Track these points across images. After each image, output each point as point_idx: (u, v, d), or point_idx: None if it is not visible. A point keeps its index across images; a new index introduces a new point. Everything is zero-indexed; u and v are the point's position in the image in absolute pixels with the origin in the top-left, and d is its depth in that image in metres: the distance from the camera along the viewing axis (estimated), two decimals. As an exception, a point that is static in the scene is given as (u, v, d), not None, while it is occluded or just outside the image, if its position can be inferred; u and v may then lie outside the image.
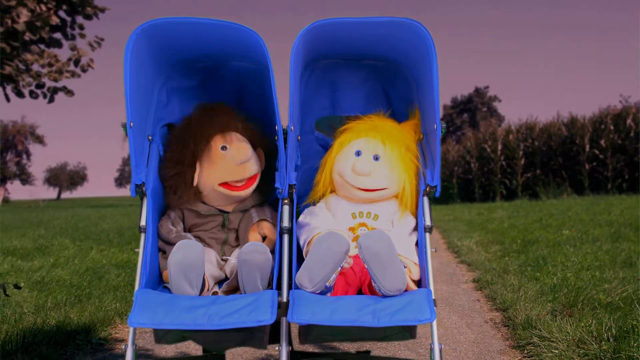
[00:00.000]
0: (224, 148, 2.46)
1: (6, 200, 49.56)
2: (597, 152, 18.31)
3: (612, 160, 18.03)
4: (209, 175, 2.43)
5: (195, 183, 2.43)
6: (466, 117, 52.90)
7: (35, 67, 8.79)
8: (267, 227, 2.55)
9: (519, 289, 4.86)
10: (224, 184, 2.45)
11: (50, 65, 8.76)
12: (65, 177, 66.22)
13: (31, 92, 8.99)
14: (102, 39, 9.20)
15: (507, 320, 4.18)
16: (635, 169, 17.33)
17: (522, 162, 19.63)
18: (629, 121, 18.02)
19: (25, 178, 53.31)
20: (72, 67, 8.98)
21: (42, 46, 8.93)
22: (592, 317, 3.70)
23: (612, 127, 18.31)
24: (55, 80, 8.78)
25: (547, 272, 5.44)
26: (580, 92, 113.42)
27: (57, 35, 9.21)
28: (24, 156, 52.79)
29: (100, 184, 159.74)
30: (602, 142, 18.26)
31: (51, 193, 67.58)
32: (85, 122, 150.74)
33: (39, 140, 52.65)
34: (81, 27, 9.14)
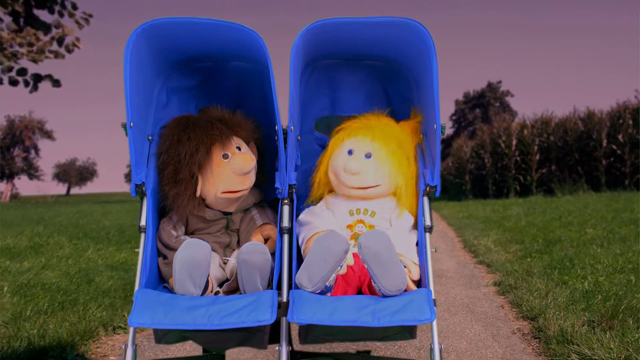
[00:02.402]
0: (225, 156, 2.40)
1: (15, 196, 49.53)
2: (614, 147, 17.72)
3: (630, 155, 17.43)
4: (211, 185, 2.39)
5: (198, 194, 2.39)
6: (478, 112, 52.22)
7: (14, 47, 8.18)
8: (270, 229, 2.54)
9: (547, 294, 4.42)
10: (227, 192, 2.41)
11: (30, 44, 8.15)
12: (75, 173, 66.15)
13: (11, 79, 8.40)
14: (90, 15, 8.62)
15: (537, 331, 3.74)
16: (655, 165, 16.77)
17: (537, 157, 19.10)
18: (648, 115, 17.42)
19: (32, 173, 53.13)
20: (55, 47, 8.37)
21: (23, 24, 8.28)
22: (637, 331, 3.24)
23: (630, 122, 17.71)
24: (35, 61, 8.17)
25: (575, 276, 5.00)
26: (595, 88, 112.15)
27: (44, 13, 8.64)
28: (32, 151, 52.63)
29: (110, 180, 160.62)
30: (620, 137, 17.66)
31: (61, 189, 67.59)
32: (95, 117, 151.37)
33: (48, 135, 52.48)
34: (74, 7, 8.52)
